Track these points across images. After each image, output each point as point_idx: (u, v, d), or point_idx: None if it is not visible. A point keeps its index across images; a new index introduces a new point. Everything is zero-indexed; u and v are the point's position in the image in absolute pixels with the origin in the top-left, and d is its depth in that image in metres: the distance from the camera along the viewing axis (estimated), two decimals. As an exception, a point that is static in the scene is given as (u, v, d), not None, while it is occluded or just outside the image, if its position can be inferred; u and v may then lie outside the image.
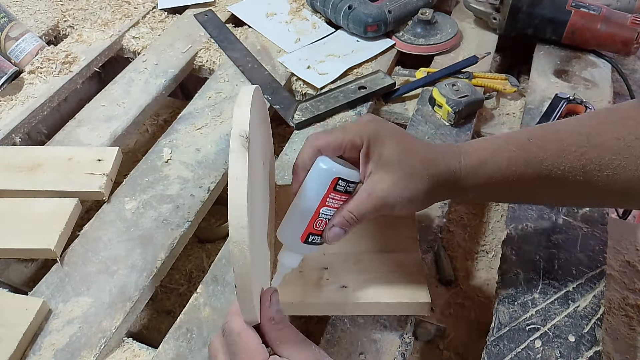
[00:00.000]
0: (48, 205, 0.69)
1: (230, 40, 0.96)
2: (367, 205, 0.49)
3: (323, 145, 0.50)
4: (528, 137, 0.50)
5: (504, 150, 0.50)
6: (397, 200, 0.49)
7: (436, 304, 0.76)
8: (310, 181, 0.49)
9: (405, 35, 0.95)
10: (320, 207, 0.49)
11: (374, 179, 0.49)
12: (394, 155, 0.49)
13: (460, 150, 0.51)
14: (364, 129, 0.50)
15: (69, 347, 0.57)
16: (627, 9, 0.94)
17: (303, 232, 0.50)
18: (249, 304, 0.42)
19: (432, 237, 0.65)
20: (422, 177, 0.49)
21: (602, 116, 0.51)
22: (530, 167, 0.50)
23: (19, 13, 1.02)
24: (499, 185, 0.51)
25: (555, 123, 0.53)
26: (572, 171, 0.49)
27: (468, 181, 0.50)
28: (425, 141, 0.52)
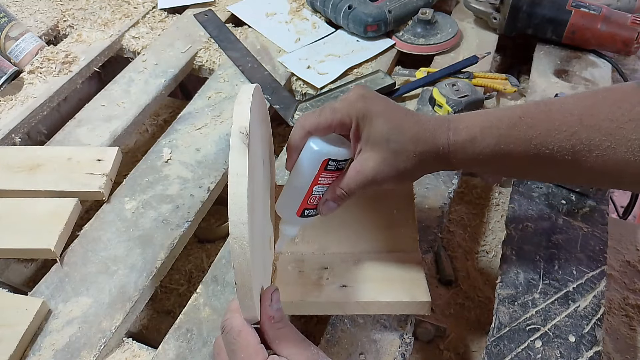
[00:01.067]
0: (48, 205, 0.69)
1: (230, 40, 0.96)
2: (357, 182, 0.51)
3: (312, 127, 0.50)
4: (520, 114, 0.50)
5: (494, 127, 0.50)
6: (385, 177, 0.51)
7: (436, 304, 0.76)
8: (303, 162, 0.51)
9: (406, 35, 0.95)
10: (312, 185, 0.52)
11: (363, 157, 0.51)
12: (382, 133, 0.50)
13: (450, 125, 0.51)
14: (352, 108, 0.50)
15: (68, 347, 0.57)
16: (628, 9, 0.94)
17: (298, 208, 0.53)
18: (248, 301, 0.42)
19: (432, 237, 0.65)
20: (409, 154, 0.50)
21: (599, 96, 0.51)
22: (519, 146, 0.50)
23: (19, 13, 1.02)
24: (487, 162, 0.51)
25: (551, 101, 0.53)
26: (561, 151, 0.49)
27: (456, 157, 0.51)
28: (414, 115, 0.52)
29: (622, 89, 0.51)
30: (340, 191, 0.52)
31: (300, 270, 0.58)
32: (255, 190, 0.46)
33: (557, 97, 0.56)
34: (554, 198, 0.70)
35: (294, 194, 0.53)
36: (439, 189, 0.71)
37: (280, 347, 0.43)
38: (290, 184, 0.53)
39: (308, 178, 0.51)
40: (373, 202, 0.64)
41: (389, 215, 0.62)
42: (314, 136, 0.51)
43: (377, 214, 0.63)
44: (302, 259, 0.59)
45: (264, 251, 0.52)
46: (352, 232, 0.61)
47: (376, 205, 0.64)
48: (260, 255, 0.48)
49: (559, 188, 0.71)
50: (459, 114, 0.53)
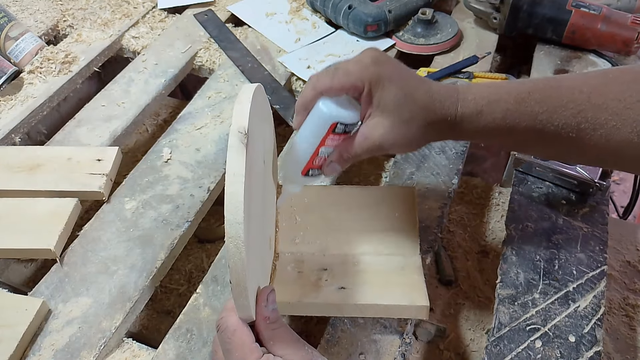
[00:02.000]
0: (48, 205, 0.69)
1: (230, 40, 0.96)
2: (364, 147, 0.52)
3: (324, 89, 0.50)
4: (529, 89, 0.51)
5: (502, 101, 0.50)
6: (392, 144, 0.51)
7: (436, 304, 0.75)
8: (311, 122, 0.52)
9: (406, 35, 0.95)
10: (319, 147, 0.52)
11: (372, 122, 0.51)
12: (393, 100, 0.50)
13: (459, 96, 0.51)
14: (365, 72, 0.50)
15: (68, 348, 0.57)
16: (628, 9, 0.94)
17: (303, 168, 0.53)
18: (243, 300, 0.42)
19: (432, 237, 0.65)
20: (418, 123, 0.51)
21: (610, 76, 0.51)
22: (525, 121, 0.50)
23: (19, 13, 1.02)
24: (492, 135, 0.52)
25: (561, 77, 0.53)
26: (566, 128, 0.49)
27: (463, 128, 0.51)
28: (426, 83, 0.52)
29: (634, 70, 0.50)
30: (347, 154, 0.52)
31: (299, 270, 0.58)
32: (254, 189, 0.46)
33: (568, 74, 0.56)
34: (554, 198, 0.70)
35: (300, 153, 0.53)
36: (439, 189, 0.71)
37: (274, 347, 0.43)
38: (297, 143, 0.53)
39: (315, 139, 0.52)
40: (375, 205, 0.64)
41: (391, 219, 0.62)
42: (324, 97, 0.51)
43: (378, 217, 0.63)
44: (301, 260, 0.59)
45: (262, 251, 0.52)
46: (353, 234, 0.61)
47: (378, 208, 0.64)
48: (257, 254, 0.48)
49: (559, 188, 0.71)
50: (469, 85, 0.53)
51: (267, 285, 0.51)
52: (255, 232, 0.46)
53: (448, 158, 0.75)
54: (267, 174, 0.56)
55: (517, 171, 0.74)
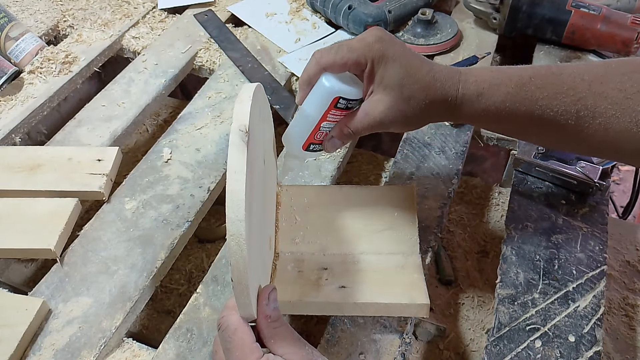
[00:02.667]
0: (48, 205, 0.69)
1: (230, 40, 0.96)
2: (364, 123, 0.52)
3: (328, 64, 0.51)
4: (531, 75, 0.51)
5: (502, 85, 0.51)
6: (392, 121, 0.52)
7: (436, 304, 0.76)
8: (313, 97, 0.52)
9: (405, 35, 0.95)
10: (321, 121, 0.53)
11: (374, 99, 0.52)
12: (395, 78, 0.50)
13: (460, 78, 0.52)
14: (369, 49, 0.50)
15: (69, 347, 0.57)
16: (627, 9, 0.94)
17: (305, 142, 0.54)
18: (245, 299, 0.42)
19: (432, 237, 0.65)
20: (419, 102, 0.51)
21: (612, 65, 0.51)
22: (524, 105, 0.50)
23: (19, 13, 1.02)
24: (492, 118, 0.52)
25: (563, 66, 0.53)
26: (565, 114, 0.49)
27: (463, 109, 0.52)
28: (428, 63, 0.52)
29: (636, 61, 0.51)
30: (347, 130, 0.53)
31: (299, 270, 0.58)
32: (254, 188, 0.46)
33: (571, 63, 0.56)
34: (553, 198, 0.70)
35: (302, 127, 0.53)
36: (439, 189, 0.71)
37: (275, 346, 0.43)
38: (299, 117, 0.54)
39: (317, 113, 0.52)
40: (375, 205, 0.64)
41: (390, 217, 0.62)
42: (327, 72, 0.51)
43: (378, 216, 0.63)
44: (302, 259, 0.59)
45: (263, 249, 0.52)
46: (353, 233, 0.62)
47: (377, 206, 0.64)
48: (258, 253, 0.48)
49: (559, 188, 0.71)
50: (471, 67, 0.53)
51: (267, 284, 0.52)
52: (256, 231, 0.46)
53: (448, 158, 0.75)
54: (267, 174, 0.56)
55: (516, 171, 0.74)
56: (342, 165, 0.77)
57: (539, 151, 0.72)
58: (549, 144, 0.66)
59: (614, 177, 1.92)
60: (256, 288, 0.45)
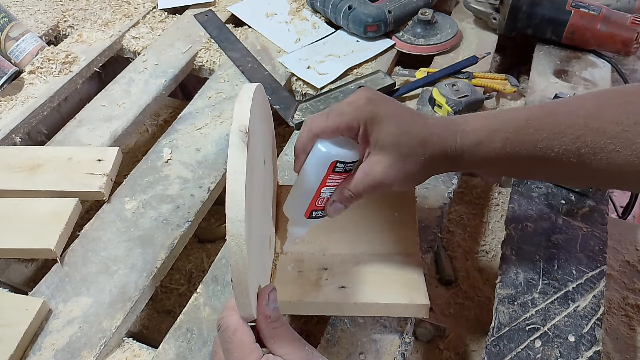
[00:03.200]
0: (48, 205, 0.69)
1: (230, 40, 0.96)
2: (365, 185, 0.52)
3: (320, 130, 0.51)
4: (527, 117, 0.51)
5: (500, 131, 0.50)
6: (393, 180, 0.51)
7: (436, 303, 0.76)
8: (310, 164, 0.52)
9: (405, 35, 0.95)
10: (320, 188, 0.52)
11: (372, 160, 0.51)
12: (391, 138, 0.50)
13: (457, 128, 0.51)
14: (360, 112, 0.50)
15: (69, 347, 0.57)
16: (627, 9, 0.94)
17: (306, 210, 0.53)
18: (244, 299, 0.42)
19: (432, 237, 0.65)
20: (418, 158, 0.51)
21: (605, 97, 0.51)
22: (525, 149, 0.50)
23: (19, 13, 1.03)
24: (493, 164, 0.52)
25: (557, 102, 0.53)
26: (566, 154, 0.49)
27: (463, 159, 0.51)
28: (421, 117, 0.52)
29: (628, 89, 0.51)
30: (348, 193, 0.52)
31: (299, 270, 0.58)
32: (255, 188, 0.46)
33: (563, 99, 0.56)
34: (553, 198, 0.70)
35: (302, 196, 0.53)
36: (439, 189, 0.71)
37: (275, 346, 0.44)
38: (298, 185, 0.53)
39: (316, 180, 0.51)
40: (374, 204, 0.64)
41: (390, 217, 0.62)
42: (321, 139, 0.51)
43: (378, 216, 0.63)
44: (302, 259, 0.59)
45: (262, 250, 0.52)
46: (353, 233, 0.62)
47: (377, 207, 0.64)
48: (258, 253, 0.48)
49: (559, 188, 0.71)
50: (465, 116, 0.53)
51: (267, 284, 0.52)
52: (255, 231, 0.46)
53: (448, 158, 0.75)
54: (267, 174, 0.56)
55: (516, 171, 0.74)
56: (342, 165, 0.77)
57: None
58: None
59: (614, 177, 1.91)
60: (256, 288, 0.45)
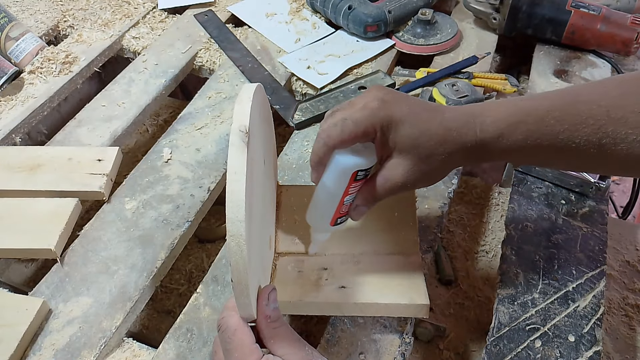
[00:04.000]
0: (48, 205, 0.69)
1: (230, 40, 0.96)
2: (387, 188, 0.51)
3: (337, 143, 0.49)
4: (548, 108, 0.50)
5: (521, 122, 0.49)
6: (415, 181, 0.51)
7: (436, 303, 0.76)
8: (331, 177, 0.51)
9: (405, 36, 0.95)
10: (344, 197, 0.52)
11: (392, 164, 0.50)
12: (408, 140, 0.49)
13: (476, 120, 0.50)
14: (375, 117, 0.49)
15: (69, 347, 0.57)
16: (627, 9, 0.94)
17: (331, 219, 0.53)
18: (245, 299, 0.42)
19: (432, 237, 0.65)
20: (438, 157, 0.50)
21: (627, 85, 0.50)
22: (546, 140, 0.49)
23: (19, 13, 1.03)
24: (514, 155, 0.51)
25: (577, 91, 0.52)
26: (587, 144, 0.49)
27: (484, 152, 0.51)
28: (437, 113, 0.51)
29: None
30: (371, 197, 0.52)
31: (299, 270, 0.58)
32: (255, 188, 0.46)
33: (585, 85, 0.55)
34: (553, 198, 0.70)
35: (325, 207, 0.53)
36: (438, 189, 0.71)
37: (275, 346, 0.43)
38: (320, 197, 0.53)
39: (339, 191, 0.51)
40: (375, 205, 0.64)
41: (390, 218, 0.62)
42: (338, 150, 0.50)
43: (377, 216, 0.63)
44: (302, 259, 0.59)
45: (262, 250, 0.52)
46: (353, 233, 0.62)
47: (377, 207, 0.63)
48: (258, 253, 0.48)
49: (559, 188, 0.71)
50: (483, 105, 0.52)
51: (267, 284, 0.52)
52: (256, 231, 0.46)
53: (448, 158, 0.75)
54: (267, 174, 0.56)
55: (516, 171, 0.74)
56: (342, 165, 0.77)
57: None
58: (575, 170, 0.66)
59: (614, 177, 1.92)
60: (256, 288, 0.45)
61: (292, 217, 0.63)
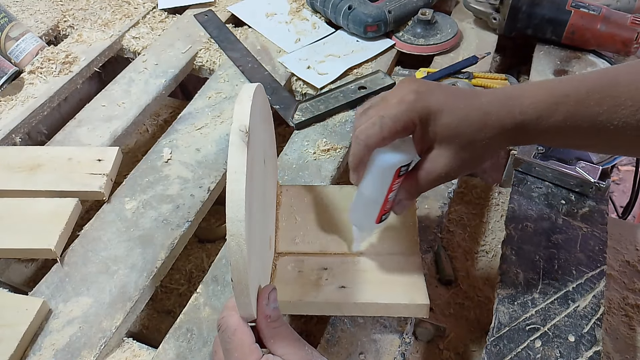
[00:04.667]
0: (48, 205, 0.69)
1: (230, 40, 0.96)
2: (429, 180, 0.51)
3: (377, 142, 0.49)
4: (588, 89, 0.49)
5: (561, 104, 0.49)
6: (458, 170, 0.51)
7: (436, 303, 0.76)
8: (375, 176, 0.51)
9: (405, 36, 0.95)
10: (388, 194, 0.52)
11: (434, 155, 0.50)
12: (448, 130, 0.49)
13: (515, 102, 0.49)
14: (413, 110, 0.48)
15: (69, 347, 0.57)
16: (627, 9, 0.94)
17: (377, 217, 0.54)
18: (245, 299, 0.42)
19: (432, 237, 0.65)
20: (479, 143, 0.49)
21: None
22: (586, 122, 0.49)
23: (19, 13, 1.03)
24: (552, 137, 0.51)
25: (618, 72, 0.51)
26: (625, 126, 0.48)
27: (524, 134, 0.50)
28: (474, 99, 0.50)
29: None
30: (414, 191, 0.52)
31: (299, 270, 0.58)
32: (255, 188, 0.46)
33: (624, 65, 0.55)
34: (553, 198, 0.70)
35: (370, 206, 0.53)
36: (438, 189, 0.71)
37: (275, 346, 0.43)
38: (364, 197, 0.53)
39: (383, 189, 0.51)
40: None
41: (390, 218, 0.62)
42: (378, 149, 0.50)
43: (377, 215, 0.63)
44: (302, 259, 0.59)
45: (262, 250, 0.52)
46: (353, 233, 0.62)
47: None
48: (258, 253, 0.48)
49: (559, 188, 0.71)
50: (521, 87, 0.51)
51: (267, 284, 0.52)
52: (256, 231, 0.46)
53: (448, 158, 0.75)
54: (267, 174, 0.56)
55: (516, 171, 0.74)
56: (342, 165, 0.77)
57: (538, 151, 0.72)
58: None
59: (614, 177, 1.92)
60: (256, 288, 0.45)
61: (292, 217, 0.63)
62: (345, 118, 0.82)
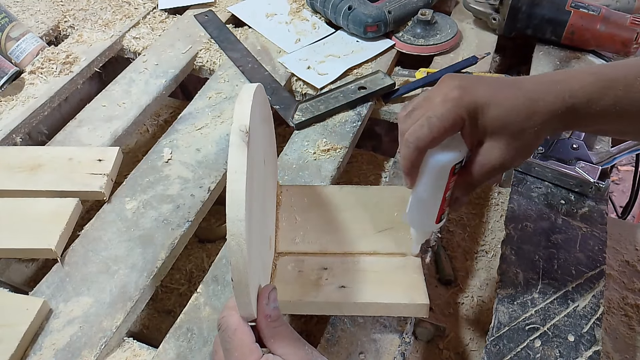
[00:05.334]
0: (49, 205, 0.69)
1: (230, 40, 0.96)
2: (484, 173, 0.51)
3: (428, 144, 0.49)
4: (636, 75, 0.49)
5: (611, 88, 0.49)
6: (512, 160, 0.50)
7: (436, 303, 0.76)
8: (431, 178, 0.51)
9: (405, 36, 0.95)
10: (445, 194, 0.52)
11: (486, 148, 0.50)
12: (498, 121, 0.49)
13: (563, 87, 0.49)
14: (460, 107, 0.48)
15: (69, 347, 0.57)
16: (627, 9, 0.94)
17: (436, 217, 0.54)
18: (245, 298, 0.42)
19: (432, 237, 0.66)
20: (530, 130, 0.49)
21: None
22: (635, 107, 0.49)
23: (20, 13, 1.03)
24: (600, 122, 0.51)
25: None
26: None
27: (573, 118, 0.50)
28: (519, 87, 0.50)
29: None
30: (470, 186, 0.52)
31: (299, 270, 0.58)
32: (255, 188, 0.46)
33: None
34: (553, 198, 0.70)
35: (429, 208, 0.53)
36: (438, 189, 0.71)
37: (275, 345, 0.44)
38: (422, 199, 0.53)
39: (440, 189, 0.52)
40: (374, 204, 0.64)
41: (390, 218, 0.63)
42: (430, 151, 0.50)
43: (378, 216, 0.63)
44: (302, 259, 0.59)
45: (263, 249, 0.52)
46: (353, 233, 0.62)
47: (377, 206, 0.64)
48: (258, 253, 0.48)
49: (559, 188, 0.72)
50: (566, 72, 0.51)
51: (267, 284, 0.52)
52: (256, 231, 0.46)
53: (448, 158, 0.75)
54: (267, 174, 0.56)
55: (516, 171, 0.74)
56: (342, 165, 0.77)
57: (538, 151, 0.72)
58: None
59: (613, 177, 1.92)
60: (256, 288, 0.45)
61: (292, 217, 0.63)
62: (345, 118, 0.82)
